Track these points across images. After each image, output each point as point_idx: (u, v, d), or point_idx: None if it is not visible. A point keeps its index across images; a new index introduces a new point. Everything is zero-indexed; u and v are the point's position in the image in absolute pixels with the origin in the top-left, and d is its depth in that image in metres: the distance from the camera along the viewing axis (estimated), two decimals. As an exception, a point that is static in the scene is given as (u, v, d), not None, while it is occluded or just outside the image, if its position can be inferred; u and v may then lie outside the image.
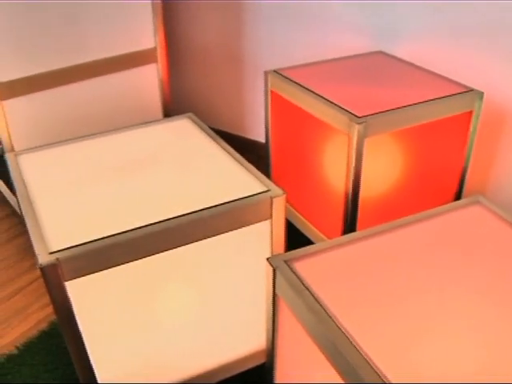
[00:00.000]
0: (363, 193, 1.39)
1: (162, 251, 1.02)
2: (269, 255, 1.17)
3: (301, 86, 1.49)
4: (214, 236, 1.07)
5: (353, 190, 1.36)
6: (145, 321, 1.09)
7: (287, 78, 1.54)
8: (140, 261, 1.01)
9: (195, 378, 1.23)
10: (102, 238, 0.97)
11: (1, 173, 1.90)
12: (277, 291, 0.92)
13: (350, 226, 1.43)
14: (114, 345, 1.08)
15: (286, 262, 0.91)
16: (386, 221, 1.01)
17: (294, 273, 0.88)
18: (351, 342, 0.75)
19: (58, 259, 0.92)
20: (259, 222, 1.10)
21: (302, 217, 1.67)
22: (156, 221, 1.01)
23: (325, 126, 1.42)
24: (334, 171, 1.43)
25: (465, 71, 1.61)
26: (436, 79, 1.52)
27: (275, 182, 1.55)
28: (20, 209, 1.13)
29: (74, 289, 0.97)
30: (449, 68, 1.64)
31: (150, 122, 1.43)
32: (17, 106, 1.60)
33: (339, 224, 1.47)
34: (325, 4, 1.84)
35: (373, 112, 1.33)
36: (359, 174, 1.35)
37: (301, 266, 0.90)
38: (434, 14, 1.61)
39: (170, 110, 1.98)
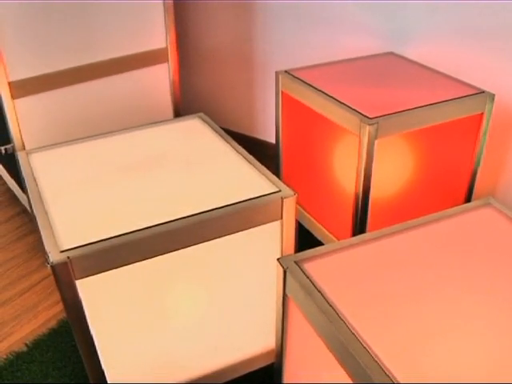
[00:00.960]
0: (373, 194, 1.39)
1: (172, 251, 1.02)
2: (279, 256, 1.17)
3: (312, 86, 1.48)
4: (223, 236, 1.07)
5: (363, 191, 1.36)
6: (154, 320, 1.09)
7: (298, 78, 1.54)
8: (150, 260, 1.01)
9: (204, 377, 1.23)
10: (112, 237, 0.97)
11: (12, 171, 1.91)
12: (287, 292, 0.92)
13: (359, 227, 1.42)
14: (123, 344, 1.09)
15: (296, 262, 0.91)
16: (396, 222, 1.01)
17: (305, 273, 0.88)
18: (361, 343, 0.75)
19: (69, 257, 0.92)
20: (269, 222, 1.10)
21: (311, 218, 1.67)
22: (166, 220, 1.02)
23: (335, 127, 1.41)
24: (345, 172, 1.43)
25: (476, 73, 1.61)
26: (447, 81, 1.52)
27: (285, 183, 1.55)
28: (30, 207, 1.14)
29: (85, 287, 0.97)
30: (460, 69, 1.64)
31: (161, 121, 1.43)
32: (28, 104, 1.61)
33: (349, 225, 1.47)
34: (336, 5, 1.83)
35: (384, 113, 1.33)
36: (369, 176, 1.35)
37: (311, 267, 0.90)
38: (445, 15, 1.60)
39: (180, 110, 1.99)
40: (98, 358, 1.06)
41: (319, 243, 1.65)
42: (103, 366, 1.08)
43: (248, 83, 2.27)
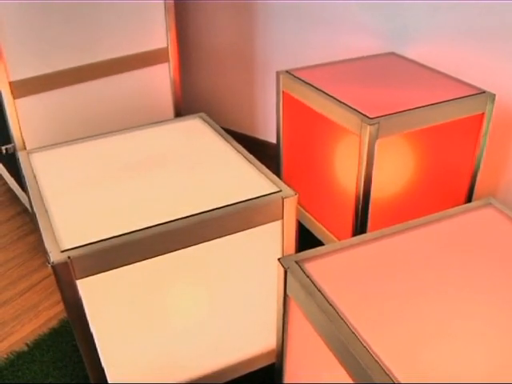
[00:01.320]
0: (374, 194, 1.39)
1: (172, 251, 1.02)
2: (280, 256, 1.17)
3: (312, 86, 1.48)
4: (224, 236, 1.07)
5: (364, 191, 1.36)
6: (154, 320, 1.09)
7: (299, 78, 1.54)
8: (150, 260, 1.01)
9: (204, 377, 1.23)
10: (113, 237, 0.97)
11: (12, 171, 1.91)
12: (287, 292, 0.92)
13: (360, 227, 1.42)
14: (123, 344, 1.09)
15: (297, 262, 0.91)
16: (397, 222, 1.01)
17: (305, 273, 0.88)
18: (361, 343, 0.75)
19: (69, 257, 0.92)
20: (270, 222, 1.10)
21: (312, 218, 1.67)
22: (167, 220, 1.02)
23: (336, 127, 1.41)
24: (345, 172, 1.43)
25: (477, 73, 1.61)
26: (448, 81, 1.52)
27: (286, 183, 1.55)
28: (31, 207, 1.14)
29: (86, 287, 0.97)
30: (460, 70, 1.64)
31: (162, 121, 1.43)
32: (29, 104, 1.61)
33: (350, 225, 1.47)
34: (337, 5, 1.83)
35: (384, 113, 1.32)
36: (370, 176, 1.35)
37: (312, 267, 0.90)
38: (445, 15, 1.60)
39: (181, 110, 1.99)
40: (98, 357, 1.06)
41: (320, 243, 1.65)
42: (104, 366, 1.08)
43: (249, 83, 2.27)
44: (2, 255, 1.76)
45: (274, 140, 2.27)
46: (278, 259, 0.92)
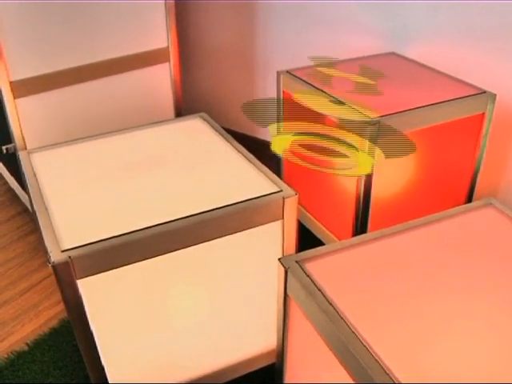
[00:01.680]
0: (375, 194, 1.39)
1: (172, 251, 1.02)
2: (280, 256, 1.17)
3: (313, 86, 1.48)
4: (225, 236, 1.07)
5: (364, 191, 1.36)
6: (155, 320, 1.09)
7: (299, 78, 1.54)
8: (151, 260, 1.01)
9: (204, 377, 1.23)
10: (113, 237, 0.97)
11: (13, 170, 1.91)
12: (288, 291, 0.92)
13: (361, 227, 1.42)
14: (124, 344, 1.09)
15: (297, 262, 0.91)
16: (398, 222, 1.01)
17: (306, 273, 0.88)
18: (362, 343, 0.75)
19: (70, 257, 0.92)
20: (271, 222, 1.10)
21: (312, 218, 1.67)
22: (167, 220, 1.02)
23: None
24: (346, 172, 1.43)
25: (477, 73, 1.61)
26: (448, 81, 1.52)
27: (286, 183, 1.55)
28: (32, 207, 1.14)
29: (86, 287, 0.97)
30: (461, 70, 1.64)
31: (162, 121, 1.43)
32: (30, 104, 1.61)
33: (350, 225, 1.47)
34: (337, 5, 1.83)
35: (385, 113, 1.32)
36: (371, 175, 1.34)
37: (312, 267, 0.90)
38: (446, 15, 1.60)
39: (181, 110, 1.99)
40: (98, 357, 1.06)
41: (320, 243, 1.65)
42: (104, 366, 1.08)
43: (249, 83, 2.27)
44: (2, 255, 1.76)
45: (274, 140, 2.26)
46: (279, 259, 0.92)
